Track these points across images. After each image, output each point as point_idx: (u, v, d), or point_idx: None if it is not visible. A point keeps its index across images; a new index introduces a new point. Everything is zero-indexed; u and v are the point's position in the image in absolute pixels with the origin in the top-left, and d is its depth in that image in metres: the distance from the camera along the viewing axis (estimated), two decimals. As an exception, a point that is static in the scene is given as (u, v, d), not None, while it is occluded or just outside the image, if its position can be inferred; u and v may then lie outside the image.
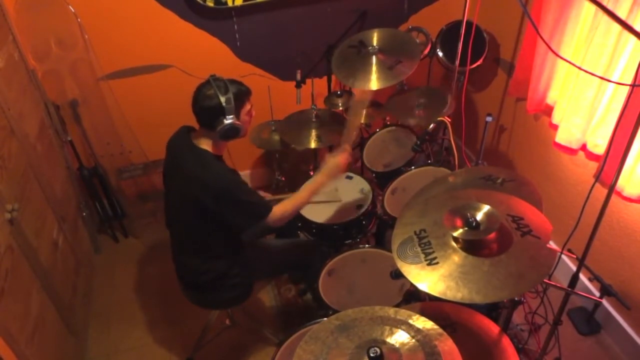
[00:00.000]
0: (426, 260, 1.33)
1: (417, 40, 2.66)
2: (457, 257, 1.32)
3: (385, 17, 3.01)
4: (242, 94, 1.79)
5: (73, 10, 2.50)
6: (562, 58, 1.73)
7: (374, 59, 2.36)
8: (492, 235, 1.32)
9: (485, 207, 1.37)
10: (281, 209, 1.90)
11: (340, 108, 2.66)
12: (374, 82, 2.31)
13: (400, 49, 2.37)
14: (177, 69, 2.84)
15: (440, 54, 2.86)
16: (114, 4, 2.55)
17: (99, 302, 2.75)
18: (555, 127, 2.33)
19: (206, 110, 1.75)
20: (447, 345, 1.15)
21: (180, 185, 1.86)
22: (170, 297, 2.70)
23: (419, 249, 1.37)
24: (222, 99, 1.71)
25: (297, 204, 1.96)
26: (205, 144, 1.82)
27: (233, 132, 1.78)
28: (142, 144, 3.00)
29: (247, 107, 1.83)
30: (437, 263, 1.32)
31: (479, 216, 1.36)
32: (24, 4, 2.43)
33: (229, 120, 1.74)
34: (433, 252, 1.35)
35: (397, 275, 1.65)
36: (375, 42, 2.39)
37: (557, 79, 2.33)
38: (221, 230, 1.91)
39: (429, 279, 1.29)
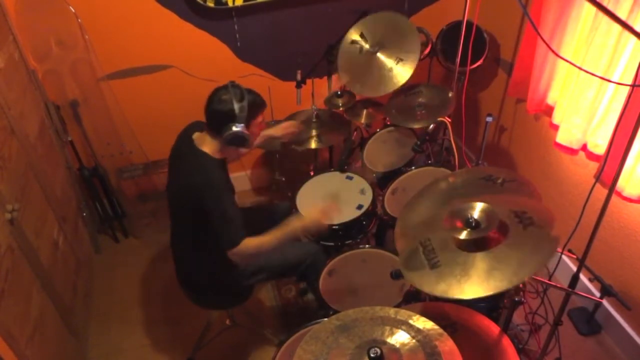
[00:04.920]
0: (429, 264, 1.33)
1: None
2: (458, 257, 1.31)
3: (385, 17, 3.00)
4: (256, 105, 1.79)
5: (73, 10, 2.50)
6: (562, 58, 1.73)
7: (374, 59, 2.36)
8: (494, 232, 1.32)
9: (480, 205, 1.36)
10: (247, 245, 1.79)
11: (341, 108, 2.66)
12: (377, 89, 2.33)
13: (400, 49, 2.37)
14: (177, 69, 2.84)
15: (441, 54, 2.85)
16: (114, 4, 2.55)
17: (99, 302, 2.75)
18: (555, 128, 2.33)
19: (217, 114, 1.74)
20: (448, 346, 1.15)
21: (177, 179, 1.88)
22: (170, 297, 2.71)
23: (422, 257, 1.36)
24: (236, 106, 1.71)
25: (262, 246, 1.84)
26: (208, 147, 1.81)
27: (239, 140, 1.76)
28: (143, 144, 3.00)
29: (259, 119, 1.83)
30: (439, 266, 1.31)
31: (476, 214, 1.35)
32: (24, 4, 2.43)
33: (237, 127, 1.73)
34: (436, 256, 1.34)
35: (398, 275, 1.65)
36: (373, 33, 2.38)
37: (557, 79, 2.33)
38: None
39: (429, 279, 1.29)
